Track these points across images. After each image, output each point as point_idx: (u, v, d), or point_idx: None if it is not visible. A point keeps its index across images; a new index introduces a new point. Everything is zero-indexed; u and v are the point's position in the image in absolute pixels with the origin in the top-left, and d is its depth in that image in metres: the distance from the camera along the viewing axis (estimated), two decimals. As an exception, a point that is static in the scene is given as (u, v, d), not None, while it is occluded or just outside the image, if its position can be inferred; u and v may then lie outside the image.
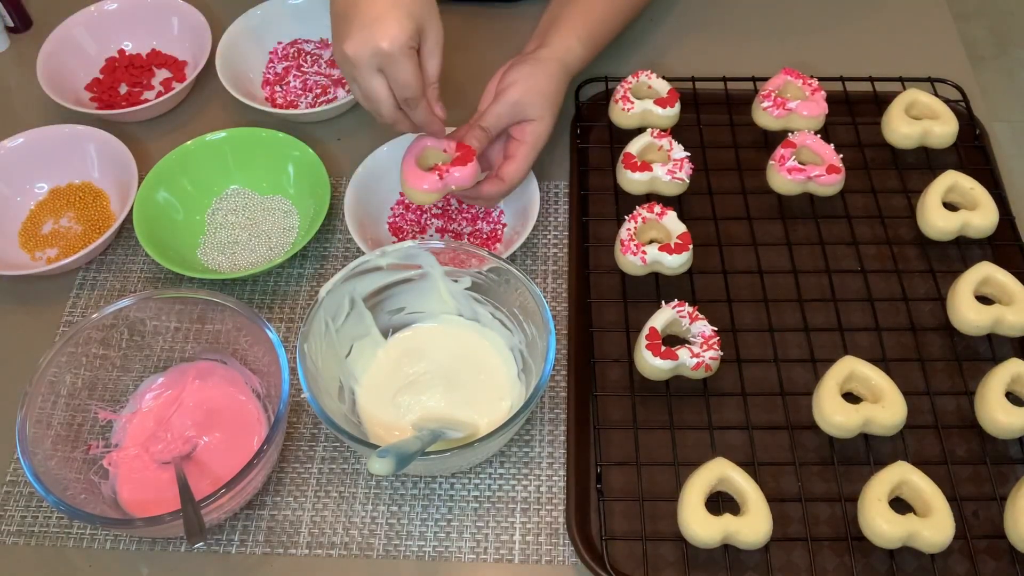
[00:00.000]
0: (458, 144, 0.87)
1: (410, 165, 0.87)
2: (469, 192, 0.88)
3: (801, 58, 1.07)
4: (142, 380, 0.86)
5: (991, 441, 0.80)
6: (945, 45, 1.10)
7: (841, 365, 0.80)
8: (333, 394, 0.81)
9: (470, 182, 0.86)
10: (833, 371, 0.80)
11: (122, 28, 1.13)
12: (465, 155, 0.86)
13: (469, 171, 0.85)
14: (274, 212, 0.98)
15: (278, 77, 1.09)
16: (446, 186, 0.86)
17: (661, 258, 0.86)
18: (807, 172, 0.91)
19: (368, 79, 0.80)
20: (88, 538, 0.80)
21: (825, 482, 0.79)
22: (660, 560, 0.76)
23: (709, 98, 1.02)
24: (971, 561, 0.75)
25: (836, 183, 0.92)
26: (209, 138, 0.98)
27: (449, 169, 0.85)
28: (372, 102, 0.83)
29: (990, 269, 0.85)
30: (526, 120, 0.90)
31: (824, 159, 0.92)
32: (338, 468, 0.83)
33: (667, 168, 0.92)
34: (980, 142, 0.98)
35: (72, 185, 1.02)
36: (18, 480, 0.84)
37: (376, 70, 0.80)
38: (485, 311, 0.86)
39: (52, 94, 1.03)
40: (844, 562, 0.75)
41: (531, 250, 0.95)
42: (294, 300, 0.93)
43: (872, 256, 0.91)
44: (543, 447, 0.83)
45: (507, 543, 0.79)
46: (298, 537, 0.79)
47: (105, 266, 0.96)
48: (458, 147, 0.87)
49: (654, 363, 0.80)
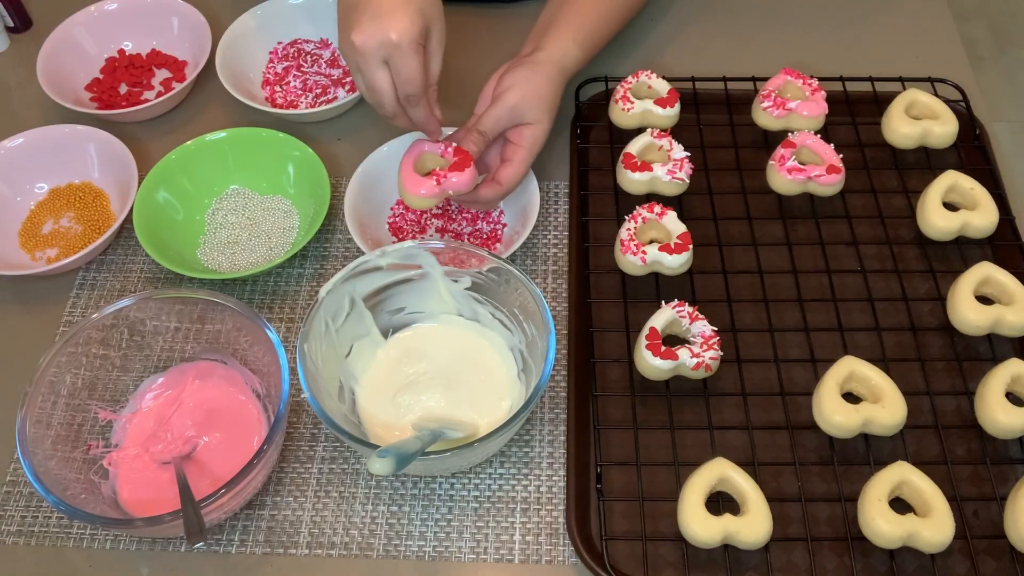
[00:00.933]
0: (456, 149, 0.87)
1: (408, 170, 0.87)
2: (466, 196, 0.88)
3: (801, 58, 1.07)
4: (142, 380, 0.86)
5: (991, 441, 0.80)
6: (945, 45, 1.10)
7: (841, 365, 0.80)
8: (333, 394, 0.81)
9: (467, 187, 0.86)
10: (833, 371, 0.80)
11: (122, 28, 1.13)
12: (463, 160, 0.86)
13: (467, 176, 0.86)
14: (274, 212, 0.98)
15: (278, 77, 1.09)
16: (443, 191, 0.86)
17: (661, 258, 0.86)
18: (807, 172, 0.91)
19: (374, 70, 0.81)
20: (88, 538, 0.80)
21: (825, 482, 0.79)
22: (660, 560, 0.76)
23: (709, 98, 1.02)
24: (971, 561, 0.75)
25: (836, 183, 0.92)
26: (209, 138, 0.98)
27: (447, 174, 0.85)
28: (375, 94, 0.83)
29: (990, 269, 0.85)
30: (523, 124, 0.90)
31: (824, 159, 0.92)
32: (338, 468, 0.83)
33: (667, 168, 0.92)
34: (980, 142, 0.98)
35: (72, 185, 1.02)
36: (18, 480, 0.84)
37: (382, 61, 0.80)
38: (485, 311, 0.86)
39: (52, 94, 1.04)
40: (844, 562, 0.75)
41: (531, 250, 0.95)
42: (294, 300, 0.93)
43: (872, 256, 0.91)
44: (543, 447, 0.83)
45: (507, 543, 0.79)
46: (298, 537, 0.80)
47: (105, 266, 0.96)
48: (456, 152, 0.87)
49: (654, 363, 0.80)
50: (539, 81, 0.91)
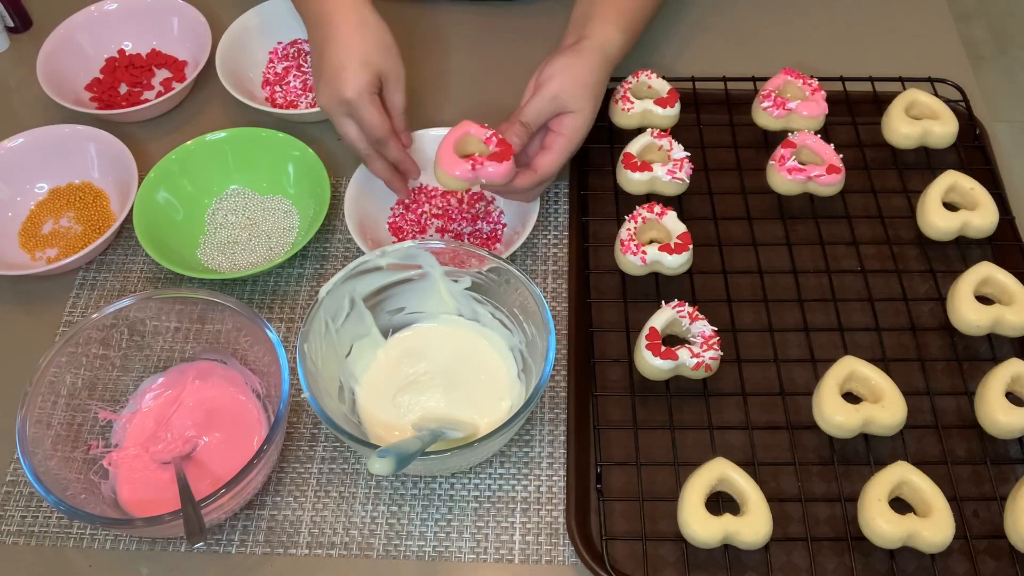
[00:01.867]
0: (500, 140, 0.86)
1: (447, 148, 0.86)
2: (501, 187, 0.88)
3: (801, 58, 1.07)
4: (142, 380, 0.86)
5: (991, 441, 0.80)
6: (945, 45, 1.10)
7: (841, 365, 0.80)
8: (333, 394, 0.81)
9: (503, 179, 0.85)
10: (833, 371, 0.80)
11: (122, 28, 1.13)
12: (503, 152, 0.85)
13: (504, 169, 0.85)
14: (274, 212, 0.98)
15: (278, 77, 1.09)
16: (477, 178, 0.85)
17: (661, 258, 0.86)
18: (807, 172, 0.91)
19: (341, 124, 0.91)
20: (88, 538, 0.80)
21: (825, 482, 0.79)
22: (660, 560, 0.76)
23: (709, 98, 1.01)
24: (971, 561, 0.75)
25: (836, 183, 0.92)
26: (209, 138, 0.98)
27: (484, 162, 0.85)
28: (349, 142, 0.92)
29: (990, 269, 0.85)
30: (566, 112, 0.90)
31: (824, 159, 0.92)
32: (338, 468, 0.83)
33: (667, 168, 0.92)
34: (980, 142, 0.98)
35: (72, 185, 1.02)
36: (18, 480, 0.84)
37: (346, 116, 0.90)
38: (485, 311, 0.86)
39: (52, 94, 1.03)
40: (844, 562, 0.75)
41: (531, 250, 0.95)
42: (294, 300, 0.93)
43: (872, 256, 0.91)
44: (543, 447, 0.83)
45: (507, 543, 0.79)
46: (298, 537, 0.80)
47: (105, 266, 0.96)
48: (499, 143, 0.86)
49: (654, 363, 0.80)
50: (581, 69, 0.90)
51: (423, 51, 1.11)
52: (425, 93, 1.07)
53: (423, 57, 1.10)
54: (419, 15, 1.14)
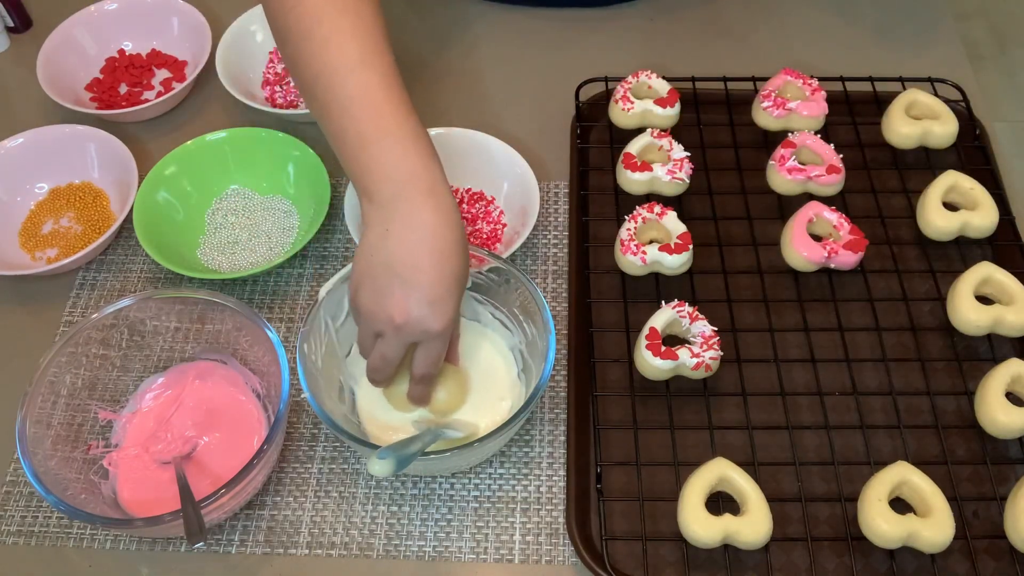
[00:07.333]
0: (852, 227, 0.88)
1: (801, 228, 0.88)
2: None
3: (801, 58, 1.07)
4: (142, 380, 0.86)
5: (991, 441, 0.80)
6: (945, 45, 1.10)
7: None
8: (333, 394, 0.81)
9: (849, 266, 0.87)
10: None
11: (122, 28, 1.13)
12: (858, 242, 0.86)
13: (855, 259, 0.87)
14: (274, 212, 0.98)
15: (278, 77, 1.09)
16: (826, 263, 0.87)
17: (661, 258, 0.86)
18: (807, 172, 0.91)
19: (397, 348, 0.73)
20: (88, 538, 0.80)
21: (825, 482, 0.79)
22: (660, 560, 0.76)
23: (709, 98, 1.01)
24: (971, 561, 0.75)
25: (836, 183, 0.92)
26: (209, 138, 0.98)
27: (839, 250, 0.86)
28: (384, 363, 0.75)
29: (990, 269, 0.85)
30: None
31: (824, 159, 0.92)
32: (338, 468, 0.83)
33: (667, 168, 0.92)
34: (980, 142, 0.98)
35: (72, 185, 1.02)
36: (18, 480, 0.84)
37: (411, 343, 0.73)
38: (485, 311, 0.86)
39: (52, 94, 1.03)
40: (844, 562, 0.75)
41: (531, 250, 0.95)
42: (294, 300, 0.93)
43: (872, 256, 0.91)
44: (543, 447, 0.83)
45: (507, 543, 0.79)
46: (298, 537, 0.79)
47: (105, 266, 0.96)
48: (852, 230, 0.87)
49: (654, 363, 0.80)
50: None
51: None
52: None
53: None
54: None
